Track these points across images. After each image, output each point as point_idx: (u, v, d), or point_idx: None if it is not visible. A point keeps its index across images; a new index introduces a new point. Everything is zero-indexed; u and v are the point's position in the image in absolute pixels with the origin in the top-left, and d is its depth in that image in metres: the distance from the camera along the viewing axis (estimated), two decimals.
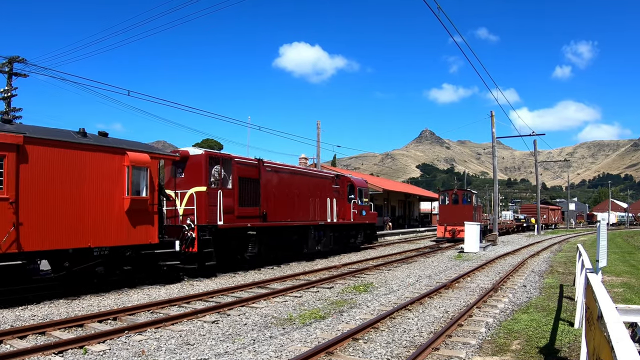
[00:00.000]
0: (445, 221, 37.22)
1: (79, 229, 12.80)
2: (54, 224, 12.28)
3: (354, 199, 27.87)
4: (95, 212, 13.20)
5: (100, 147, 13.47)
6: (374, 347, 8.16)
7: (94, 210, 13.18)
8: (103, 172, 13.43)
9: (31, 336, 8.86)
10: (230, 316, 10.76)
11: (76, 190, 12.77)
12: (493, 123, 39.99)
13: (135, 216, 14.18)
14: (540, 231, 58.30)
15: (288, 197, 22.10)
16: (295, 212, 22.58)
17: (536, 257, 25.57)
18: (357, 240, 28.90)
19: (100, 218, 13.31)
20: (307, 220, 23.42)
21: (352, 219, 27.47)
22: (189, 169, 17.61)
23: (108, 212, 13.51)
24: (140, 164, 14.25)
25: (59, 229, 12.37)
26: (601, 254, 9.59)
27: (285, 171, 22.53)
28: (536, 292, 14.21)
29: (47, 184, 12.13)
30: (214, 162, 17.92)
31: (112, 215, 13.61)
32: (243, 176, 19.09)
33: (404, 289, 14.71)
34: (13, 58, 26.28)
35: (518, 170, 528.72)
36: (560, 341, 8.54)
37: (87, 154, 13.08)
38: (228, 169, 18.44)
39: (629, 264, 21.70)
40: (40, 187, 11.97)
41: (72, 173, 12.69)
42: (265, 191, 20.24)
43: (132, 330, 9.17)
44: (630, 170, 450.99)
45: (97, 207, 13.25)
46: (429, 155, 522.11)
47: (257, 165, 20.08)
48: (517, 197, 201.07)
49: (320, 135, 39.22)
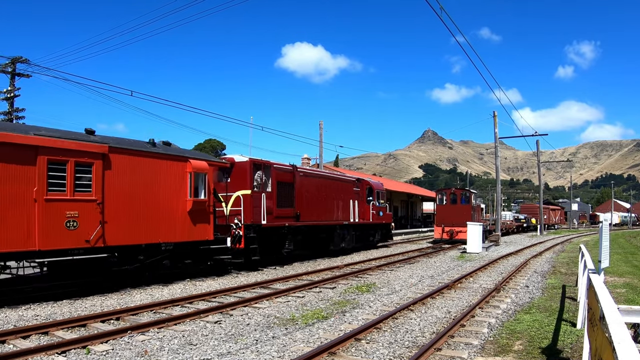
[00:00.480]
0: (443, 222, 36.09)
1: (150, 226, 14.63)
2: (131, 222, 14.03)
3: (373, 200, 30.32)
4: (163, 212, 15.06)
5: (167, 155, 15.42)
6: (376, 347, 8.17)
7: (162, 210, 15.05)
8: (170, 177, 15.33)
9: (34, 336, 8.88)
10: (232, 316, 10.78)
11: (148, 193, 14.59)
12: (496, 123, 39.95)
13: (195, 216, 16.07)
14: (543, 231, 58.22)
15: (317, 199, 24.08)
16: (323, 213, 24.65)
17: (539, 258, 25.55)
18: (375, 238, 31.49)
19: (167, 217, 15.19)
20: (333, 220, 25.58)
21: (370, 219, 29.83)
22: (235, 174, 19.27)
23: (173, 212, 15.41)
24: (200, 170, 16.14)
25: (134, 227, 14.14)
26: (604, 254, 9.58)
27: (314, 176, 24.93)
28: (539, 292, 14.20)
29: (125, 188, 13.86)
30: (257, 168, 19.68)
31: (176, 214, 15.49)
32: (280, 180, 21.06)
33: (407, 289, 14.72)
34: (16, 58, 26.37)
35: (521, 170, 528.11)
36: (562, 342, 8.54)
37: (156, 162, 14.96)
38: (268, 174, 20.29)
39: (631, 265, 21.67)
40: (120, 190, 13.70)
41: (145, 178, 14.50)
42: (298, 194, 22.20)
43: (135, 330, 9.19)
44: (633, 170, 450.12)
45: (164, 208, 15.12)
46: (432, 155, 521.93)
47: (292, 171, 22.17)
48: (519, 197, 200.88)
49: (322, 136, 39.24)
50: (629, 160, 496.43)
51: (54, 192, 12.15)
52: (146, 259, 14.85)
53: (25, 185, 11.63)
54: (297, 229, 22.09)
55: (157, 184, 14.86)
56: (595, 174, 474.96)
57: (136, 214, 14.17)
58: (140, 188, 14.30)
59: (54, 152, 12.17)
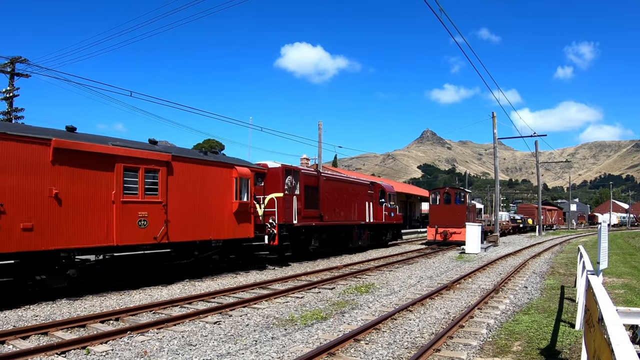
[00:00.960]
0: (437, 222, 34.64)
1: (203, 225, 16.56)
2: (188, 222, 15.91)
3: (385, 202, 32.63)
4: (213, 212, 16.96)
5: (217, 163, 17.35)
6: (375, 348, 8.19)
7: (213, 211, 16.95)
8: (219, 182, 17.26)
9: (34, 336, 8.89)
10: (232, 317, 10.80)
11: (201, 195, 16.47)
12: (494, 124, 39.98)
13: (240, 216, 18.05)
14: (542, 232, 58.24)
15: (338, 201, 26.35)
16: (343, 214, 26.99)
17: (537, 258, 25.57)
18: (386, 237, 34.13)
19: (216, 217, 17.10)
20: (351, 220, 27.91)
21: (383, 219, 32.34)
22: (268, 179, 21.18)
23: (222, 213, 17.32)
24: (244, 175, 18.19)
25: (191, 225, 16.03)
26: (602, 256, 9.60)
27: (335, 180, 27.30)
28: (537, 293, 14.22)
29: (183, 191, 15.76)
30: (288, 173, 21.86)
31: (224, 215, 17.43)
32: (307, 184, 23.25)
33: (405, 289, 14.73)
34: (15, 58, 26.36)
35: (519, 170, 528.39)
36: (561, 343, 8.56)
37: (208, 168, 16.90)
38: (297, 179, 22.41)
39: (630, 265, 21.70)
40: (179, 193, 15.58)
41: (199, 182, 16.42)
42: (322, 197, 24.48)
43: (135, 331, 9.20)
44: (632, 171, 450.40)
45: (214, 209, 17.02)
46: (430, 155, 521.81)
47: (316, 176, 24.80)
48: (518, 197, 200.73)
49: (321, 136, 39.21)
50: (628, 160, 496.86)
51: (128, 195, 14.01)
52: (200, 254, 16.99)
53: (105, 189, 13.47)
54: (322, 228, 24.54)
55: (208, 188, 16.79)
56: (594, 174, 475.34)
57: (192, 214, 16.08)
58: (195, 191, 16.24)
59: (128, 160, 14.02)
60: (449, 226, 33.79)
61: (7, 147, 11.46)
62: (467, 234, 28.24)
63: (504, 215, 63.06)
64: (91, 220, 13.09)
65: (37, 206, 11.96)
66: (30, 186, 11.88)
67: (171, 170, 15.31)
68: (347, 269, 19.85)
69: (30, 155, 11.94)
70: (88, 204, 13.05)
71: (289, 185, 21.65)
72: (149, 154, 14.65)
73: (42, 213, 12.05)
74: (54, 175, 12.36)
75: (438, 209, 35.54)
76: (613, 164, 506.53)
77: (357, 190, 29.35)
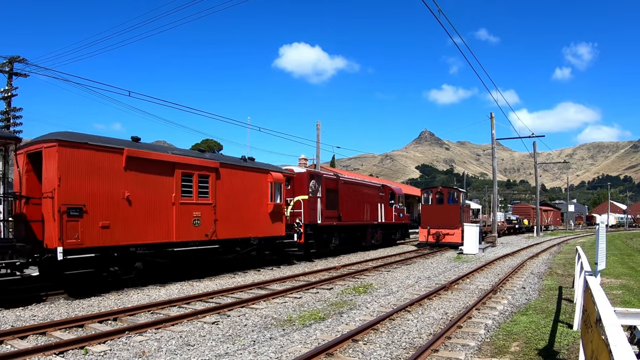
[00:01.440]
0: (429, 223, 33.24)
1: (244, 224, 18.80)
2: (232, 221, 18.08)
3: (394, 203, 34.66)
4: (252, 212, 19.20)
5: (255, 169, 19.60)
6: (373, 348, 8.19)
7: (252, 211, 19.20)
8: (256, 186, 19.52)
9: (32, 336, 8.89)
10: (230, 317, 10.80)
11: (242, 197, 18.69)
12: (493, 124, 40.00)
13: (273, 216, 20.38)
14: (540, 232, 58.27)
15: (354, 202, 28.49)
16: (358, 214, 29.25)
17: (535, 259, 25.59)
18: (395, 236, 36.06)
19: (254, 217, 19.35)
20: (365, 220, 30.27)
21: (393, 219, 34.47)
22: (295, 182, 23.42)
23: (259, 213, 19.60)
24: (277, 180, 20.54)
25: (234, 224, 18.20)
26: (600, 256, 9.61)
27: (352, 183, 29.37)
28: (535, 294, 14.23)
29: (228, 194, 17.93)
30: (312, 177, 24.25)
31: (260, 215, 19.71)
32: (328, 188, 25.61)
33: (403, 290, 14.74)
34: (13, 58, 26.31)
35: (517, 171, 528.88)
36: (559, 343, 8.57)
37: (248, 174, 19.15)
38: (319, 182, 24.70)
39: (627, 266, 21.71)
40: (225, 195, 17.73)
41: (240, 186, 18.61)
42: (340, 199, 26.83)
43: (133, 331, 9.20)
44: (630, 171, 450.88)
45: (253, 209, 19.28)
46: (428, 156, 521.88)
47: (336, 179, 27.15)
48: (516, 198, 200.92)
49: (320, 136, 39.26)
50: (626, 161, 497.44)
51: (185, 197, 16.05)
52: (241, 250, 19.08)
53: (166, 192, 15.46)
54: (341, 228, 26.93)
55: (248, 191, 19.03)
56: (592, 175, 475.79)
57: (235, 214, 18.26)
58: (237, 194, 18.42)
59: (185, 166, 16.12)
60: (442, 227, 32.61)
61: (88, 156, 13.26)
62: (465, 234, 28.28)
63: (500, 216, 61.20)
64: (155, 220, 15.07)
65: (112, 207, 13.81)
66: (106, 190, 13.69)
67: (219, 176, 17.50)
68: (345, 270, 19.86)
69: (107, 162, 13.77)
70: (152, 205, 15.01)
71: (313, 189, 23.94)
72: (202, 161, 16.88)
73: (116, 213, 13.88)
74: (125, 180, 14.21)
75: (430, 209, 34.24)
76: (611, 164, 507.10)
77: (370, 193, 31.46)
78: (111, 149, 13.87)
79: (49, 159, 12.87)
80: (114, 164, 13.92)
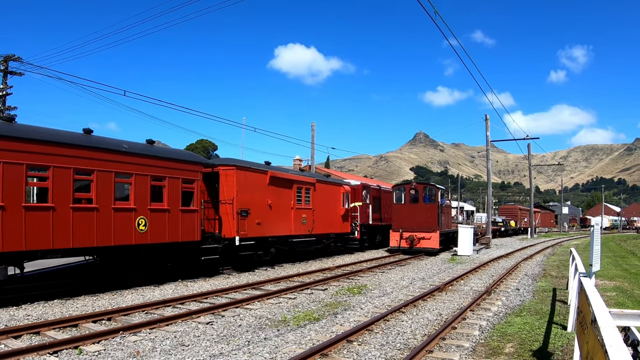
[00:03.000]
0: (401, 225, 28.65)
1: (328, 223, 26.15)
2: (322, 221, 25.30)
3: None
4: (332, 215, 26.59)
5: (334, 183, 27.66)
6: (368, 349, 8.19)
7: (332, 214, 26.55)
8: (335, 195, 27.10)
9: (26, 336, 8.85)
10: (224, 317, 10.78)
11: (327, 204, 26.04)
12: (487, 127, 40.16)
13: (344, 218, 27.76)
14: (534, 234, 58.45)
15: (388, 207, 33.31)
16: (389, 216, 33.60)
17: (529, 261, 25.67)
18: None
19: (333, 218, 26.77)
20: None
21: None
22: (352, 192, 29.56)
23: (335, 215, 27.01)
24: (346, 191, 28.24)
25: (323, 223, 25.50)
26: (595, 258, 9.64)
27: (385, 191, 35.45)
28: (529, 295, 14.27)
29: (320, 201, 25.19)
30: (364, 188, 32.19)
31: (336, 217, 27.10)
32: (373, 196, 33.25)
33: (398, 291, 14.75)
34: (9, 56, 26.20)
35: (512, 173, 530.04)
36: (553, 344, 8.59)
37: (330, 186, 26.89)
38: (368, 192, 32.59)
39: (621, 268, 21.81)
40: (318, 203, 24.95)
41: (326, 196, 26.02)
42: (382, 204, 34.18)
43: (127, 331, 9.17)
44: (624, 174, 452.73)
45: (332, 213, 26.63)
46: (423, 157, 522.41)
47: (378, 189, 34.94)
48: (510, 200, 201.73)
49: (314, 137, 39.26)
50: (620, 164, 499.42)
51: (298, 204, 23.09)
52: (326, 242, 26.48)
53: (288, 200, 22.44)
54: (383, 227, 33.62)
55: (330, 199, 26.37)
56: (586, 177, 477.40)
57: (323, 216, 25.42)
58: (324, 202, 25.69)
59: (298, 182, 23.33)
60: (417, 230, 28.16)
61: (250, 176, 19.68)
62: (460, 236, 28.30)
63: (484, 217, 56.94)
64: (282, 219, 21.79)
65: (261, 210, 20.19)
66: (258, 198, 20.04)
67: (315, 189, 24.78)
68: (340, 270, 19.87)
69: (259, 180, 20.29)
70: (281, 209, 21.67)
71: (364, 196, 31.39)
72: (306, 178, 24.49)
73: (263, 214, 20.28)
74: (268, 192, 20.70)
75: (403, 209, 29.60)
76: (605, 167, 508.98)
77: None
78: (261, 171, 20.40)
79: (227, 177, 18.77)
80: (262, 181, 20.47)
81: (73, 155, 12.90)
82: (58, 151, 12.61)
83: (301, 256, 24.16)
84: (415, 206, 29.30)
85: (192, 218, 16.71)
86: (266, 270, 19.82)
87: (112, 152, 14.02)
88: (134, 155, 14.67)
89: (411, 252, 27.96)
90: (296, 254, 23.36)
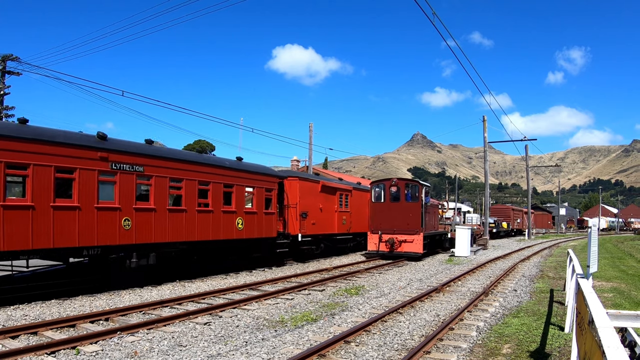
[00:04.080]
0: (380, 227, 25.84)
1: (359, 224, 30.22)
2: (356, 222, 30.03)
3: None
4: (361, 217, 30.07)
5: (363, 189, 31.44)
6: (365, 350, 8.20)
7: (361, 216, 30.12)
8: (362, 200, 30.59)
9: (23, 336, 8.84)
10: (222, 318, 10.78)
11: (358, 208, 30.39)
12: (485, 128, 40.20)
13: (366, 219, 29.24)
14: (531, 236, 58.50)
15: None
16: None
17: (526, 262, 25.71)
18: None
19: (362, 219, 29.83)
20: None
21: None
22: None
23: (361, 217, 30.16)
24: None
25: (356, 224, 30.08)
26: (592, 259, 9.66)
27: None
28: (527, 296, 14.29)
29: (354, 205, 29.98)
30: None
31: (362, 218, 30.07)
32: None
33: (395, 292, 14.76)
34: (6, 56, 26.17)
35: (509, 174, 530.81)
36: (550, 345, 8.60)
37: (360, 192, 31.21)
38: None
39: (618, 269, 21.85)
40: (353, 206, 29.86)
41: (358, 200, 30.56)
42: None
43: (125, 331, 9.16)
44: (621, 175, 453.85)
45: (362, 215, 30.03)
46: (420, 158, 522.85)
47: None
48: (508, 201, 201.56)
49: (312, 138, 39.31)
50: (617, 165, 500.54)
51: (340, 207, 27.85)
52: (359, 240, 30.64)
53: (333, 205, 27.18)
54: None
55: (359, 203, 30.50)
56: (584, 179, 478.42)
57: (357, 218, 30.04)
58: (356, 205, 30.22)
59: (340, 190, 28.26)
60: (398, 232, 25.49)
61: (308, 185, 24.66)
62: (457, 237, 28.31)
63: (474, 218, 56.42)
64: (328, 220, 26.54)
65: (315, 213, 24.87)
66: (313, 203, 24.78)
67: (352, 195, 29.81)
68: (337, 271, 19.88)
69: (314, 188, 25.26)
70: (328, 212, 26.48)
71: None
72: (346, 186, 29.50)
73: (317, 216, 25.05)
74: (320, 198, 25.63)
75: (383, 209, 26.45)
76: (602, 168, 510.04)
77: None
78: (315, 181, 25.72)
79: (292, 186, 23.41)
80: (316, 189, 25.40)
81: (197, 170, 16.88)
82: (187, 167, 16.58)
83: (339, 251, 29.07)
84: (396, 205, 26.22)
85: (271, 219, 20.99)
86: (264, 271, 19.80)
87: (220, 168, 18.11)
88: (233, 169, 18.76)
89: (391, 256, 25.43)
90: (337, 249, 28.43)
